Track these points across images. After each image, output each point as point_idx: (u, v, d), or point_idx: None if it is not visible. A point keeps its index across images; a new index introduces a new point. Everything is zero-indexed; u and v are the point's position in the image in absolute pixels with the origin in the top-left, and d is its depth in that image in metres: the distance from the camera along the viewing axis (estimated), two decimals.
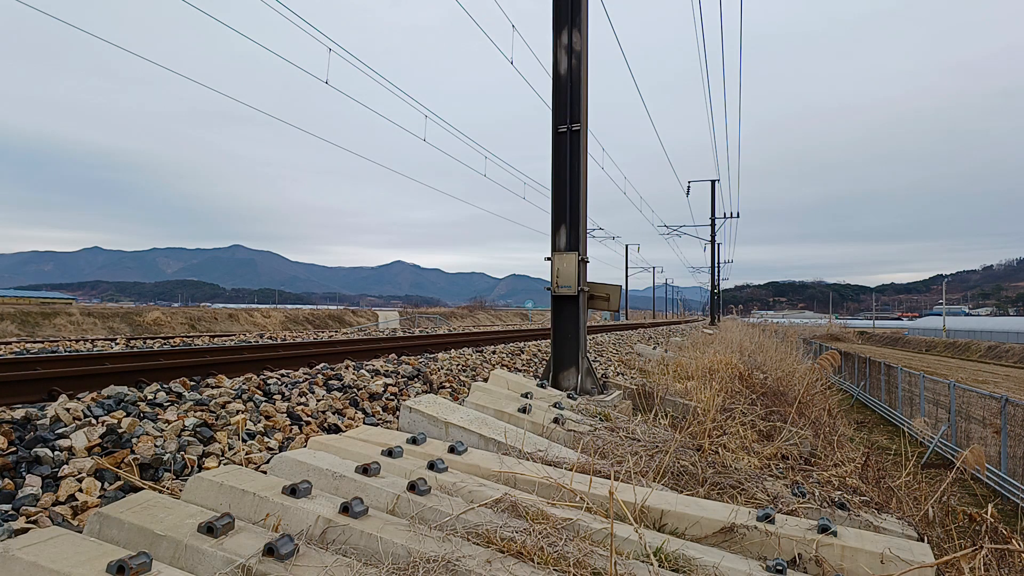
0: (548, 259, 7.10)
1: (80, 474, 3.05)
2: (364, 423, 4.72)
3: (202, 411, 4.12)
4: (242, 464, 3.51)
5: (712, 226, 44.26)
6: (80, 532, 2.38)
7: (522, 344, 12.07)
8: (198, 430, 3.80)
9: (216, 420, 4.04)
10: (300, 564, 2.11)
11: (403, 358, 7.70)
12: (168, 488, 3.12)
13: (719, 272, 47.16)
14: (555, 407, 5.25)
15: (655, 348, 16.20)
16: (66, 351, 10.13)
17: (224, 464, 3.50)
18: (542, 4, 7.50)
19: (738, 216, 46.38)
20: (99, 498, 2.93)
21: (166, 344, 13.01)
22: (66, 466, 3.07)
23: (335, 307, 63.89)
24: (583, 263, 7.01)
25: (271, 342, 12.10)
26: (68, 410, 3.64)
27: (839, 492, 3.80)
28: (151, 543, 2.23)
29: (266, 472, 3.24)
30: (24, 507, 2.74)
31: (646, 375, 10.43)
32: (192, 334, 22.52)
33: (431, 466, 3.25)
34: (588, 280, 7.18)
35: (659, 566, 2.39)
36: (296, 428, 4.40)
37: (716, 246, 45.20)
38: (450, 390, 6.44)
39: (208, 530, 2.22)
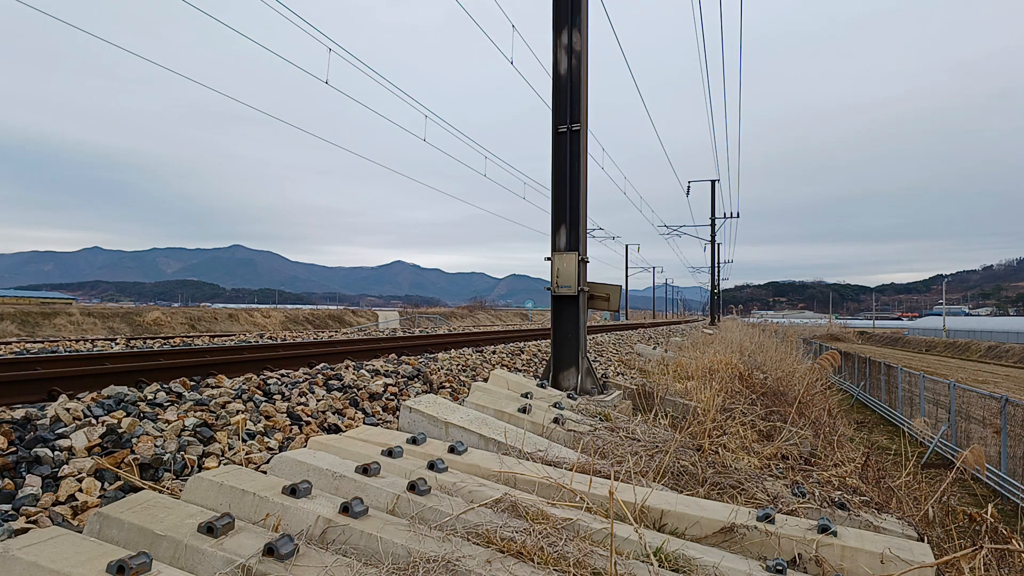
0: (548, 259, 7.10)
1: (80, 474, 3.05)
2: (364, 423, 4.72)
3: (202, 411, 4.12)
4: (242, 464, 3.51)
5: (712, 226, 44.27)
6: (80, 532, 2.38)
7: (522, 344, 12.07)
8: (198, 430, 3.80)
9: (216, 420, 4.04)
10: (300, 564, 2.11)
11: (403, 358, 7.70)
12: (168, 488, 3.12)
13: (719, 272, 47.21)
14: (555, 407, 5.25)
15: (655, 348, 16.20)
16: (66, 351, 10.13)
17: (224, 464, 3.50)
18: (542, 4, 7.50)
19: (738, 216, 46.43)
20: (99, 498, 2.93)
21: (166, 344, 13.02)
22: (66, 466, 3.07)
23: (335, 307, 63.90)
24: (583, 263, 7.01)
25: (271, 342, 12.10)
26: (68, 410, 3.64)
27: (839, 492, 3.80)
28: (151, 543, 2.23)
29: (266, 472, 3.24)
30: (24, 507, 2.74)
31: (646, 375, 10.43)
32: (192, 334, 22.52)
33: (431, 466, 3.25)
34: (588, 280, 7.18)
35: (659, 566, 2.39)
36: (296, 428, 4.40)
37: (716, 246, 45.25)
38: (450, 390, 6.44)
39: (208, 530, 2.22)
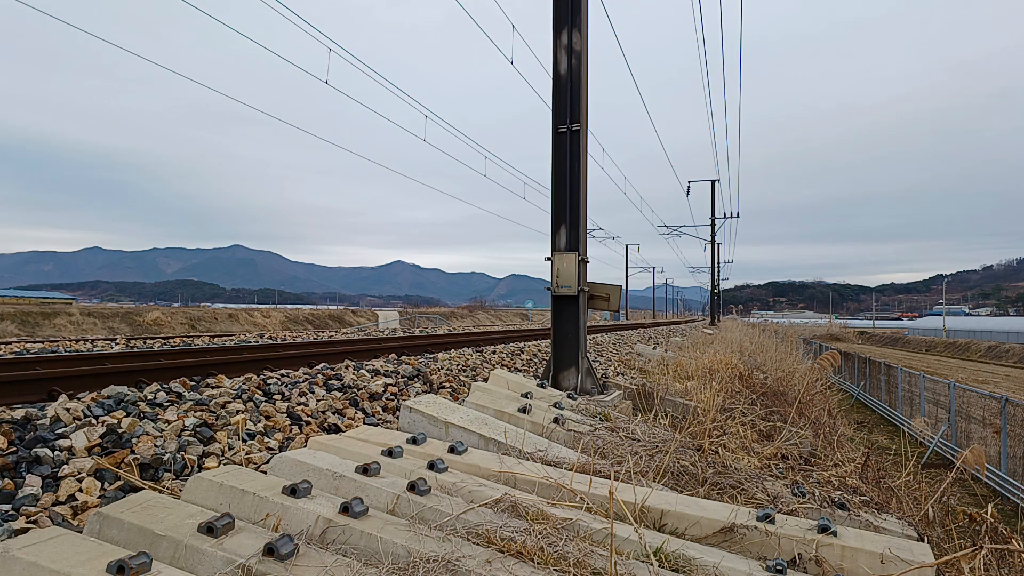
0: (548, 259, 7.10)
1: (80, 474, 3.05)
2: (364, 423, 4.72)
3: (202, 411, 4.12)
4: (242, 464, 3.51)
5: (712, 226, 44.27)
6: (80, 532, 2.38)
7: (522, 344, 12.07)
8: (198, 430, 3.80)
9: (216, 420, 4.04)
10: (300, 564, 2.11)
11: (403, 358, 7.70)
12: (168, 488, 3.12)
13: (719, 272, 47.20)
14: (555, 407, 5.25)
15: (655, 348, 16.20)
16: (66, 351, 10.13)
17: (224, 464, 3.50)
18: (542, 4, 7.50)
19: (738, 216, 46.43)
20: (99, 498, 2.93)
21: (166, 344, 13.02)
22: (66, 466, 3.07)
23: (335, 307, 63.90)
24: (583, 263, 7.01)
25: (271, 342, 12.10)
26: (68, 410, 3.64)
27: (839, 492, 3.80)
28: (151, 543, 2.23)
29: (266, 472, 3.24)
30: (24, 507, 2.74)
31: (646, 375, 10.42)
32: (192, 334, 22.52)
33: (431, 466, 3.25)
34: (588, 280, 7.18)
35: (659, 566, 2.39)
36: (296, 428, 4.40)
37: (716, 246, 45.25)
38: (450, 390, 6.44)
39: (208, 530, 2.22)
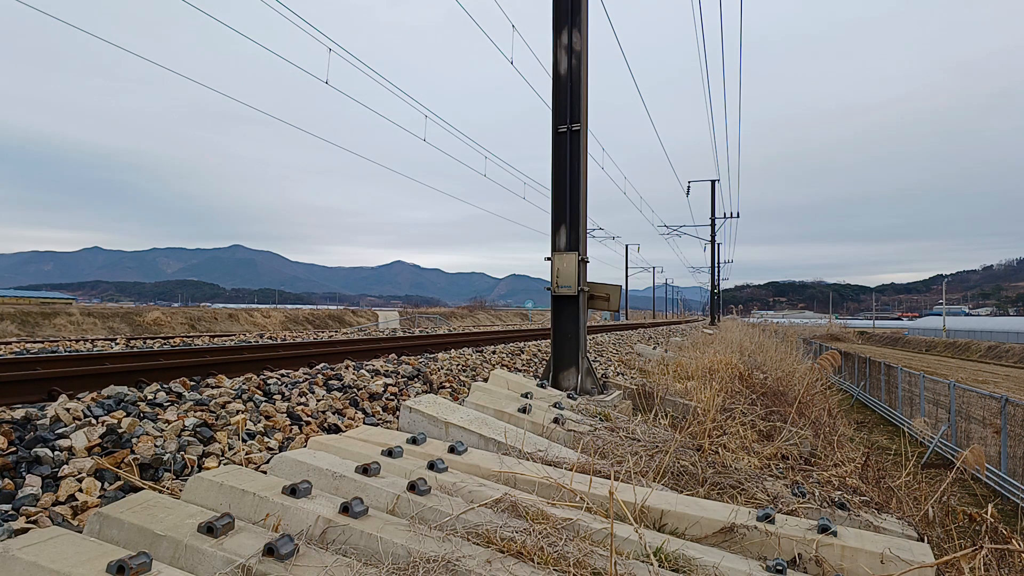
0: (548, 259, 7.10)
1: (80, 474, 3.05)
2: (364, 423, 4.72)
3: (202, 411, 4.12)
4: (242, 464, 3.51)
5: (712, 226, 44.27)
6: (80, 532, 2.38)
7: (522, 344, 12.07)
8: (198, 430, 3.80)
9: (216, 420, 4.04)
10: (300, 564, 2.11)
11: (403, 358, 7.70)
12: (168, 488, 3.12)
13: (719, 272, 47.20)
14: (555, 407, 5.25)
15: (655, 348, 16.20)
16: (66, 351, 10.13)
17: (224, 464, 3.50)
18: (542, 4, 7.50)
19: (738, 216, 46.43)
20: (99, 498, 2.93)
21: (166, 344, 13.02)
22: (66, 466, 3.07)
23: (335, 307, 63.90)
24: (583, 263, 7.01)
25: (271, 342, 12.10)
26: (68, 410, 3.64)
27: (839, 492, 3.80)
28: (151, 543, 2.23)
29: (266, 472, 3.24)
30: (24, 507, 2.74)
31: (646, 375, 10.42)
32: (192, 334, 22.52)
33: (431, 466, 3.25)
34: (588, 280, 7.18)
35: (659, 566, 2.39)
36: (296, 428, 4.40)
37: (716, 246, 45.24)
38: (450, 390, 6.44)
39: (208, 530, 2.22)
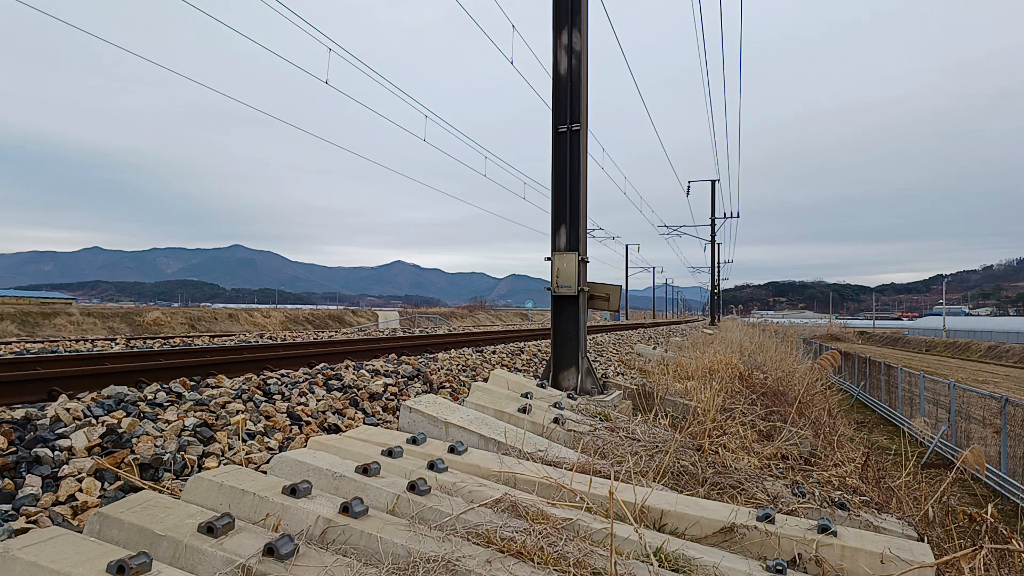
0: (548, 259, 7.10)
1: (80, 474, 3.05)
2: (364, 423, 4.72)
3: (202, 411, 4.12)
4: (242, 464, 3.51)
5: (712, 226, 44.26)
6: (80, 532, 2.38)
7: (522, 344, 12.07)
8: (198, 430, 3.80)
9: (216, 420, 4.04)
10: (300, 564, 2.11)
11: (403, 358, 7.70)
12: (168, 488, 3.12)
13: (719, 272, 47.20)
14: (555, 407, 5.25)
15: (655, 348, 16.20)
16: (66, 351, 10.13)
17: (224, 464, 3.50)
18: (542, 4, 7.50)
19: (738, 216, 46.43)
20: (99, 498, 2.93)
21: (166, 344, 13.02)
22: (66, 466, 3.07)
23: (335, 307, 63.91)
24: (583, 263, 7.01)
25: (271, 342, 12.10)
26: (68, 410, 3.64)
27: (839, 492, 3.80)
28: (151, 543, 2.23)
29: (266, 472, 3.24)
30: (24, 507, 2.74)
31: (646, 375, 10.42)
32: (192, 334, 22.52)
33: (431, 466, 3.25)
34: (588, 280, 7.18)
35: (659, 566, 2.39)
36: (296, 428, 4.40)
37: (716, 246, 45.24)
38: (450, 390, 6.44)
39: (208, 530, 2.22)
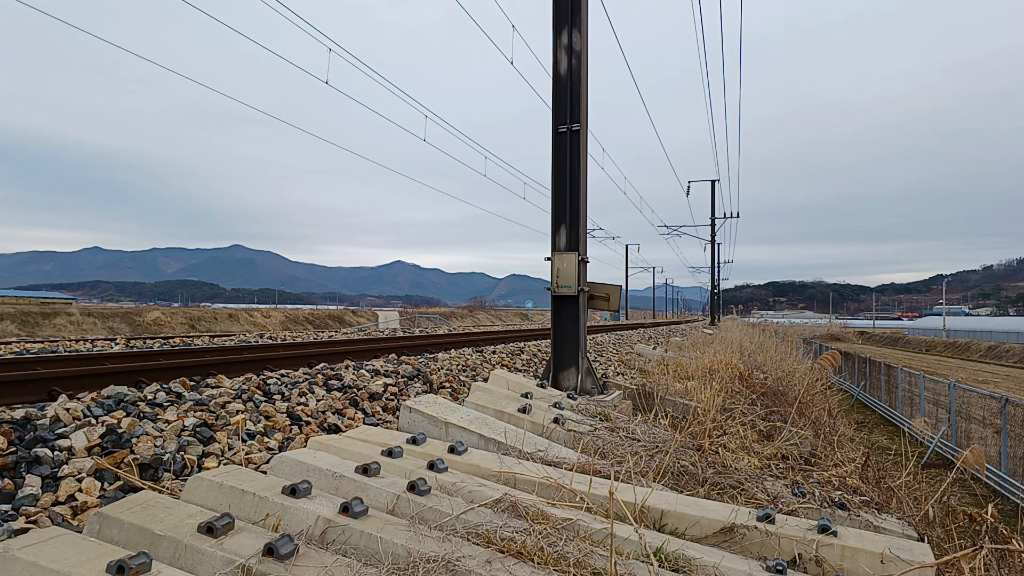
0: (548, 259, 7.10)
1: (80, 474, 3.05)
2: (364, 423, 4.72)
3: (202, 411, 4.12)
4: (242, 464, 3.51)
5: (712, 226, 44.26)
6: (80, 532, 2.38)
7: (522, 344, 12.07)
8: (198, 430, 3.80)
9: (216, 420, 4.04)
10: (300, 564, 2.11)
11: (403, 358, 7.70)
12: (168, 488, 3.12)
13: (719, 272, 47.21)
14: (555, 407, 5.25)
15: (655, 348, 16.20)
16: (66, 351, 10.13)
17: (224, 464, 3.50)
18: (542, 4, 7.50)
19: (738, 216, 46.43)
20: (99, 498, 2.93)
21: (166, 344, 13.01)
22: (66, 466, 3.07)
23: (335, 307, 63.91)
24: (583, 263, 7.00)
25: (271, 342, 12.10)
26: (68, 410, 3.64)
27: (839, 492, 3.80)
28: (151, 543, 2.23)
29: (266, 472, 3.24)
30: (24, 507, 2.74)
31: (646, 375, 10.42)
32: (192, 334, 22.52)
33: (431, 466, 3.25)
34: (588, 280, 7.18)
35: (659, 566, 2.39)
36: (296, 428, 4.40)
37: (716, 246, 45.24)
38: (450, 390, 6.44)
39: (208, 530, 2.22)
